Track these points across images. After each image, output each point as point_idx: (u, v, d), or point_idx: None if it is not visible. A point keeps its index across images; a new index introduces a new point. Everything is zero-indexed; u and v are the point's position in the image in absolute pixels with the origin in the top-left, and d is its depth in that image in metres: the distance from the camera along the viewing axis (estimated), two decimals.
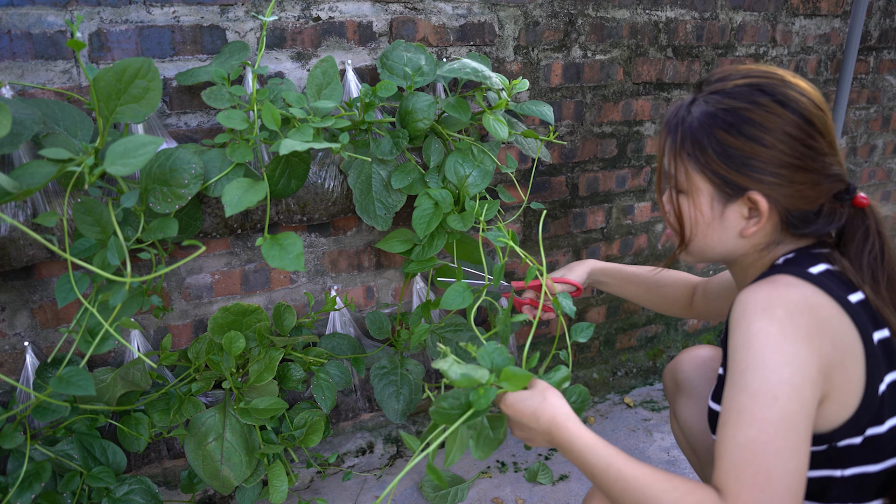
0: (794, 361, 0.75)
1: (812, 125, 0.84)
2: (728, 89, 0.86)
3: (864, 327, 0.80)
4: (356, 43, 1.46)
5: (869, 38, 2.36)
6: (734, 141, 0.84)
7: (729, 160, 0.85)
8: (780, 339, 0.75)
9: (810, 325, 0.76)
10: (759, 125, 0.83)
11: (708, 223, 0.91)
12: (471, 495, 1.61)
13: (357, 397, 1.66)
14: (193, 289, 1.45)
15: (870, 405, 0.79)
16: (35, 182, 0.99)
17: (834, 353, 0.77)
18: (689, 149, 0.88)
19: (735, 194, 0.87)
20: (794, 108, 0.83)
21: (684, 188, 0.91)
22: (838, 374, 0.78)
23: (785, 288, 0.79)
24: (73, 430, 1.26)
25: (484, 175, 1.43)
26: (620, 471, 0.82)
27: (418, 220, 1.39)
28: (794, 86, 0.85)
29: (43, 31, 1.19)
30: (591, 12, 1.74)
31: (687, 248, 0.95)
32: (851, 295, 0.82)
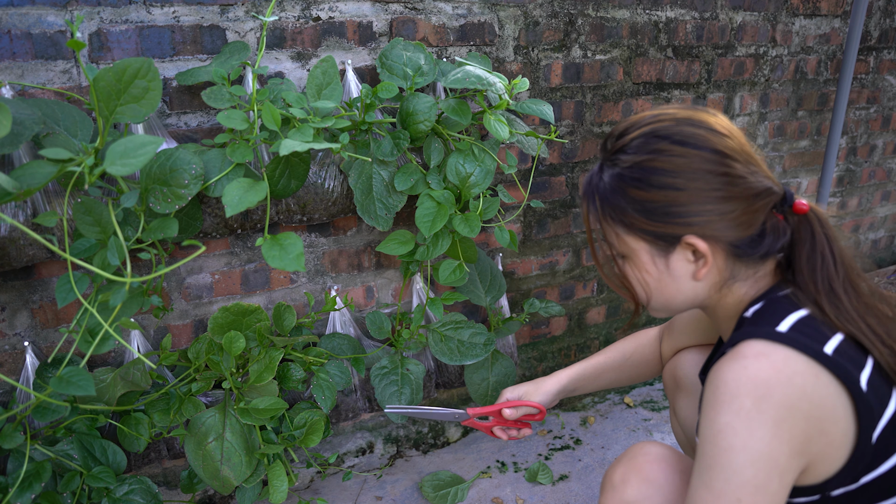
0: (760, 459, 0.73)
1: (719, 153, 0.81)
2: (627, 145, 0.85)
3: (848, 375, 0.76)
4: (356, 43, 1.46)
5: (869, 38, 2.36)
6: (647, 195, 0.83)
7: (651, 214, 0.83)
8: (745, 436, 0.73)
9: (780, 409, 0.73)
10: (666, 171, 0.82)
11: (658, 279, 0.88)
12: (471, 495, 1.61)
13: (357, 397, 1.66)
14: (193, 289, 1.45)
15: (863, 454, 0.77)
16: (35, 182, 0.99)
17: (809, 426, 0.74)
18: (611, 214, 0.87)
19: (671, 245, 0.85)
20: (694, 143, 0.81)
21: (624, 252, 0.90)
22: (817, 441, 0.75)
23: (754, 363, 0.75)
24: (73, 430, 1.26)
25: (485, 174, 1.43)
26: None
27: (422, 219, 1.39)
28: (689, 121, 0.83)
29: (43, 31, 1.19)
30: (591, 12, 1.74)
31: (650, 306, 0.93)
32: (827, 344, 0.78)
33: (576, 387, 1.29)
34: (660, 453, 0.93)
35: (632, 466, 0.92)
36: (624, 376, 1.32)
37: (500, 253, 1.81)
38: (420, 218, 1.39)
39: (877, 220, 2.80)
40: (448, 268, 1.50)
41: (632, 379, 1.33)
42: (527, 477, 1.68)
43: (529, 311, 1.76)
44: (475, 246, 1.54)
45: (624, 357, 1.31)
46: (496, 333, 1.71)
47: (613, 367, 1.30)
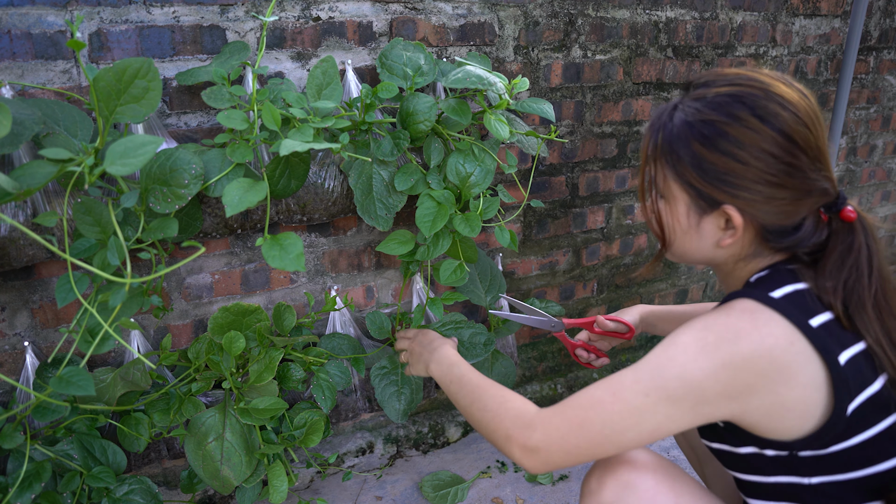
0: (689, 381, 0.78)
1: (793, 142, 0.81)
2: (709, 98, 0.84)
3: (828, 349, 0.78)
4: (356, 43, 1.46)
5: (869, 38, 2.36)
6: (709, 155, 0.83)
7: (703, 173, 0.84)
8: (691, 358, 0.79)
9: (735, 356, 0.77)
10: (735, 140, 0.81)
11: (685, 231, 0.91)
12: (471, 495, 1.61)
13: (357, 397, 1.66)
14: (193, 289, 1.45)
15: (835, 424, 0.79)
16: (35, 182, 0.99)
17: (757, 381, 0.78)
18: (666, 156, 0.88)
19: (710, 207, 0.86)
20: (774, 123, 0.80)
21: (663, 192, 0.91)
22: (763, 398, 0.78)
23: (737, 315, 0.80)
24: (73, 430, 1.26)
25: (485, 174, 1.43)
26: (471, 379, 1.07)
27: (422, 219, 1.39)
28: (779, 97, 0.82)
29: (43, 31, 1.19)
30: (591, 12, 1.74)
31: (669, 251, 0.97)
32: (815, 318, 0.80)
33: (654, 322, 1.34)
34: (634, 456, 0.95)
35: (607, 470, 0.95)
36: None
37: (500, 253, 1.81)
38: (420, 218, 1.39)
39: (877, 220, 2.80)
40: (449, 268, 1.50)
41: None
42: (527, 477, 1.68)
43: None
44: (475, 246, 1.54)
45: None
46: (496, 333, 1.71)
47: None
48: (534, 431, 0.88)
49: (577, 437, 0.84)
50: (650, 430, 0.82)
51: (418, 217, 1.39)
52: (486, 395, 1.01)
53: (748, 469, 0.90)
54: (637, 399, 0.81)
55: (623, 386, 0.82)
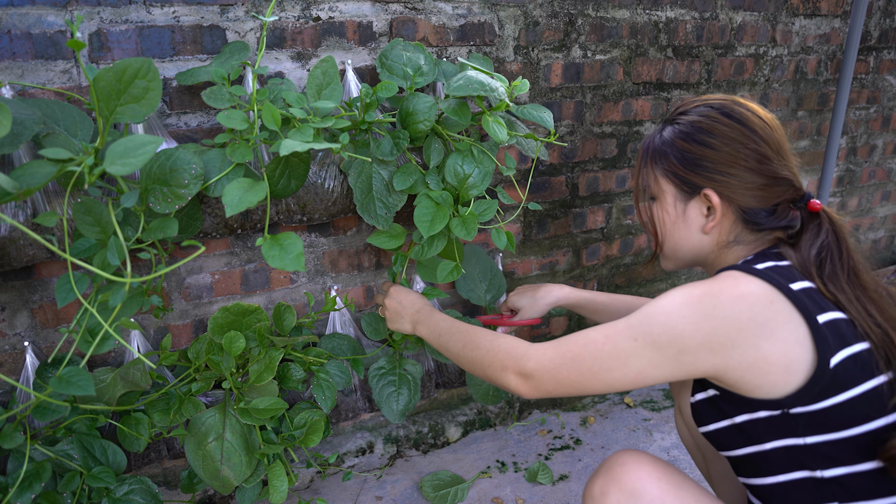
0: (672, 329, 0.87)
1: (754, 132, 0.98)
2: (687, 110, 1.05)
3: (807, 310, 0.85)
4: (356, 43, 1.46)
5: (869, 38, 2.36)
6: (688, 146, 1.01)
7: (685, 162, 1.01)
8: (676, 308, 0.87)
9: (717, 308, 0.85)
10: (707, 132, 1.00)
11: (674, 221, 1.05)
12: (471, 495, 1.62)
13: (357, 397, 1.66)
14: (193, 289, 1.45)
15: (820, 378, 0.84)
16: (35, 182, 0.99)
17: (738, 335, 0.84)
18: (656, 159, 1.06)
19: (692, 192, 1.02)
20: (738, 118, 1.00)
21: (654, 193, 1.07)
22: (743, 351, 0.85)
23: (722, 279, 0.89)
24: (73, 430, 1.26)
25: (484, 175, 1.43)
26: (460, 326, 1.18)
27: (420, 219, 1.38)
28: (746, 106, 1.01)
29: (43, 31, 1.19)
30: (591, 12, 1.74)
31: (662, 251, 1.10)
32: (795, 283, 0.88)
33: (572, 307, 1.51)
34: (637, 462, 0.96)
35: (610, 478, 0.96)
36: None
37: (501, 253, 1.81)
38: (419, 218, 1.38)
39: (877, 220, 2.80)
40: (445, 269, 1.50)
41: None
42: (527, 477, 1.68)
43: None
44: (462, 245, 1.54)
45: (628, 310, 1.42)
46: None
47: (614, 313, 1.45)
48: (528, 360, 0.99)
49: (569, 370, 0.94)
50: (635, 372, 0.90)
51: (417, 217, 1.39)
52: (477, 336, 1.12)
53: (746, 441, 0.92)
54: (626, 343, 0.90)
55: (615, 330, 0.92)
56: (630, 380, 0.91)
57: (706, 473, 1.27)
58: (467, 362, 1.12)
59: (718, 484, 1.23)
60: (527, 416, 1.96)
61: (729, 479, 1.22)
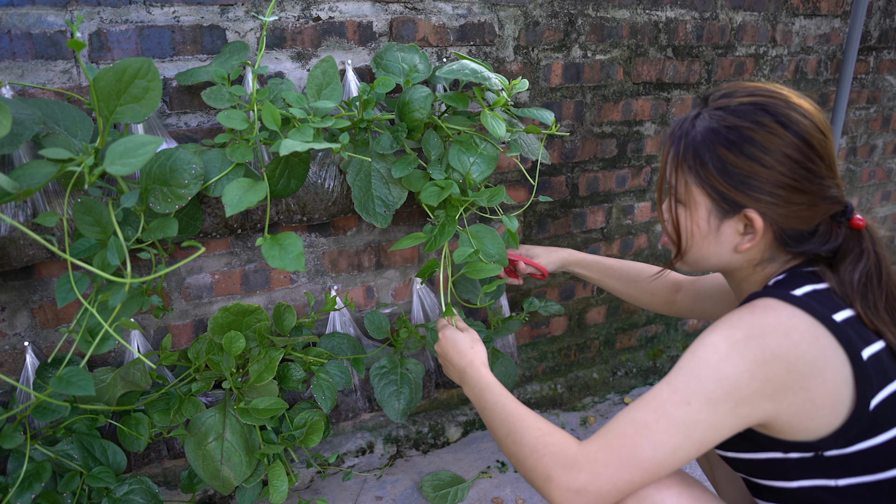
0: (725, 381, 0.77)
1: (812, 148, 0.85)
2: (732, 106, 0.88)
3: (851, 345, 0.79)
4: (356, 43, 1.46)
5: (869, 38, 2.36)
6: (734, 159, 0.86)
7: (728, 177, 0.87)
8: (723, 356, 0.78)
9: (765, 351, 0.77)
10: (760, 145, 0.85)
11: (704, 236, 0.93)
12: (471, 495, 1.62)
13: (357, 397, 1.66)
14: (193, 289, 1.45)
15: (858, 419, 0.79)
16: (35, 182, 0.99)
17: (789, 377, 0.77)
18: (690, 162, 0.90)
19: (732, 211, 0.88)
20: (796, 129, 0.84)
21: (683, 199, 0.93)
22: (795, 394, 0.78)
23: (761, 312, 0.80)
24: (73, 430, 1.26)
25: (488, 161, 1.43)
26: (506, 406, 0.99)
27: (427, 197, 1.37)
28: (798, 107, 0.86)
29: (43, 31, 1.19)
30: (591, 12, 1.74)
31: (683, 258, 0.98)
32: (838, 313, 0.81)
33: (580, 269, 1.45)
34: None
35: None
36: (626, 291, 1.41)
37: None
38: (426, 196, 1.36)
39: (877, 220, 2.80)
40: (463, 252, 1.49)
41: (632, 298, 1.42)
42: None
43: (529, 311, 1.76)
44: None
45: (637, 276, 1.37)
46: (495, 333, 1.71)
47: (623, 277, 1.40)
48: (579, 472, 0.82)
49: (630, 470, 0.80)
50: (698, 441, 0.79)
51: (423, 196, 1.36)
52: (522, 426, 0.94)
53: (771, 475, 0.88)
54: (679, 411, 0.78)
55: (662, 401, 0.80)
56: (694, 452, 0.80)
57: (710, 476, 1.27)
58: (509, 454, 0.95)
59: (723, 488, 1.22)
60: None
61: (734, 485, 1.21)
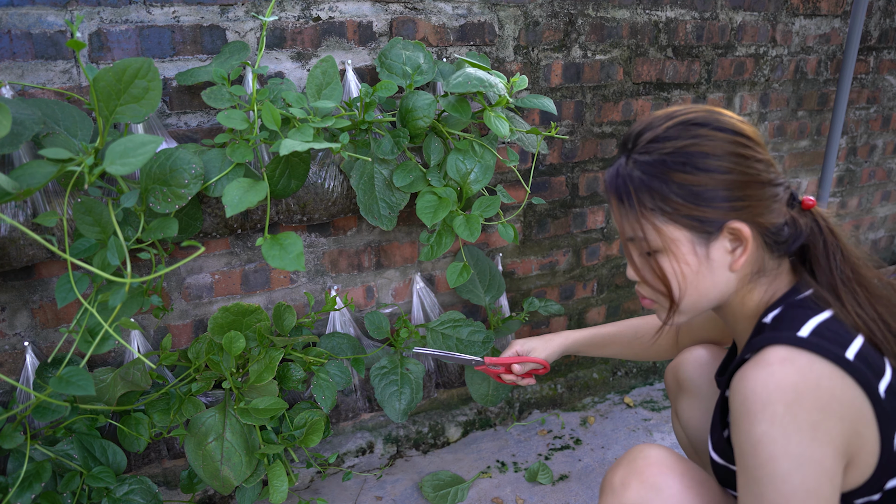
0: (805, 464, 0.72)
1: (751, 139, 0.85)
2: (662, 134, 0.85)
3: (867, 382, 0.76)
4: (356, 43, 1.46)
5: (869, 38, 2.36)
6: (694, 178, 0.82)
7: (696, 198, 0.83)
8: (784, 442, 0.73)
9: (813, 412, 0.73)
10: (713, 155, 0.82)
11: (696, 271, 0.86)
12: (471, 495, 1.61)
13: (357, 397, 1.66)
14: (193, 289, 1.45)
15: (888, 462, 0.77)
16: (35, 182, 0.99)
17: (844, 426, 0.74)
18: (649, 204, 0.85)
19: (715, 230, 0.84)
20: (731, 128, 0.84)
21: (659, 246, 0.86)
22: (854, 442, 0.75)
23: (780, 370, 0.75)
24: (73, 430, 1.26)
25: (485, 170, 1.43)
26: None
27: (423, 211, 1.39)
28: (717, 111, 0.87)
29: (43, 31, 1.19)
30: (591, 12, 1.74)
31: (679, 309, 0.90)
32: (849, 349, 0.78)
33: (580, 350, 1.36)
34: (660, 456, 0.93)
35: (632, 470, 0.92)
36: (631, 352, 1.36)
37: (500, 253, 1.81)
38: (421, 210, 1.38)
39: (877, 220, 2.80)
40: (454, 271, 1.52)
41: (638, 356, 1.36)
42: (527, 477, 1.68)
43: (529, 310, 1.76)
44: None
45: (636, 335, 1.33)
46: (496, 332, 1.71)
47: (622, 341, 1.34)
48: None
49: None
50: None
51: (419, 209, 1.39)
52: None
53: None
54: None
55: None
56: None
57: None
58: None
59: None
60: (527, 416, 1.96)
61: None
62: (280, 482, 1.34)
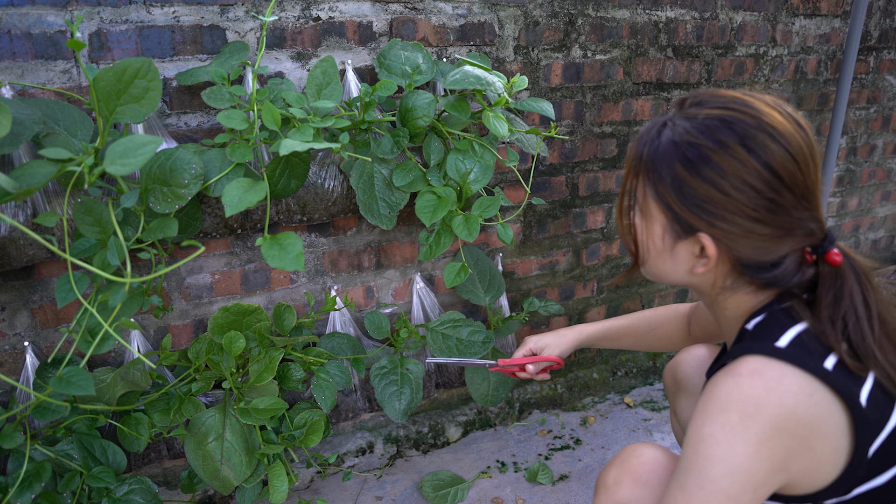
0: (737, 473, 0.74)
1: (778, 178, 0.77)
2: (699, 119, 0.80)
3: (848, 391, 0.76)
4: (356, 43, 1.46)
5: (869, 38, 2.36)
6: (690, 179, 0.79)
7: (682, 197, 0.81)
8: (726, 448, 0.74)
9: (765, 428, 0.73)
10: (719, 168, 0.77)
11: (659, 252, 0.87)
12: (471, 495, 1.61)
13: (357, 397, 1.66)
14: (193, 289, 1.45)
15: (857, 467, 0.77)
16: (35, 182, 0.99)
17: (793, 444, 0.75)
18: (649, 173, 0.84)
19: (685, 232, 0.83)
20: (761, 156, 0.76)
21: (642, 209, 0.87)
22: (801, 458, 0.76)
23: (748, 382, 0.75)
24: (73, 430, 1.26)
25: (485, 170, 1.44)
26: None
27: (422, 210, 1.39)
28: (770, 128, 0.77)
29: (43, 31, 1.19)
30: (591, 12, 1.74)
31: (644, 268, 0.92)
32: (827, 359, 0.77)
33: (594, 343, 1.36)
34: (653, 455, 0.94)
35: (625, 468, 0.93)
36: (644, 344, 1.36)
37: (500, 253, 1.81)
38: (420, 209, 1.39)
39: (877, 220, 2.80)
40: (452, 271, 1.52)
41: (652, 347, 1.37)
42: (527, 477, 1.68)
43: (529, 310, 1.76)
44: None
45: (649, 327, 1.34)
46: (496, 332, 1.71)
47: (635, 333, 1.34)
48: None
49: None
50: None
51: (418, 208, 1.39)
52: None
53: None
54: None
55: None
56: None
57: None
58: None
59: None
60: (527, 416, 1.96)
61: None
62: (280, 482, 1.34)
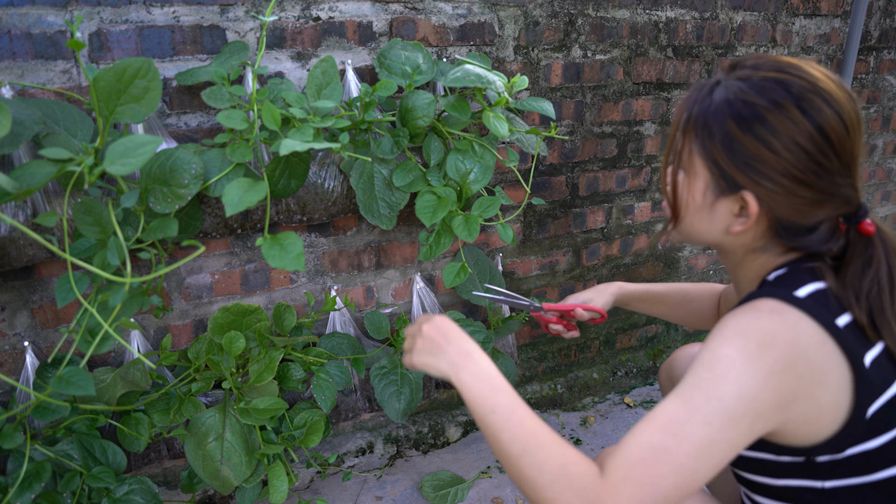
0: (745, 395, 0.74)
1: (829, 141, 0.79)
2: (755, 80, 0.81)
3: (853, 351, 0.77)
4: (356, 43, 1.46)
5: (869, 38, 2.36)
6: (742, 136, 0.80)
7: (732, 154, 0.82)
8: (740, 371, 0.74)
9: (778, 362, 0.74)
10: (772, 127, 0.79)
11: (698, 209, 0.89)
12: (471, 495, 1.61)
13: (357, 397, 1.66)
14: (193, 289, 1.45)
15: (854, 426, 0.78)
16: (35, 182, 0.99)
17: (799, 386, 0.75)
18: (698, 130, 0.85)
19: (729, 189, 0.84)
20: (814, 118, 0.78)
21: (685, 166, 0.88)
22: (803, 402, 0.76)
23: (768, 317, 0.77)
24: (73, 430, 1.26)
25: (485, 170, 1.44)
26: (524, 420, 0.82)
27: (422, 210, 1.39)
28: (825, 93, 0.79)
29: (43, 31, 1.19)
30: (591, 12, 1.74)
31: (677, 228, 0.94)
32: (840, 318, 0.79)
33: (630, 303, 1.38)
34: None
35: None
36: (676, 315, 1.37)
37: (500, 253, 1.81)
38: (420, 209, 1.39)
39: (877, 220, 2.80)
40: (452, 271, 1.52)
41: (682, 320, 1.38)
42: None
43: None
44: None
45: (685, 299, 1.35)
46: (495, 333, 1.71)
47: (671, 302, 1.36)
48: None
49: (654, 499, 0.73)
50: (718, 462, 0.74)
51: (418, 208, 1.39)
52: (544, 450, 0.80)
53: (758, 470, 0.89)
54: (701, 431, 0.73)
55: (680, 422, 0.74)
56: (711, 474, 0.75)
57: None
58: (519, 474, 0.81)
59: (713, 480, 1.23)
60: None
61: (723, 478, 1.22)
62: (280, 482, 1.34)
